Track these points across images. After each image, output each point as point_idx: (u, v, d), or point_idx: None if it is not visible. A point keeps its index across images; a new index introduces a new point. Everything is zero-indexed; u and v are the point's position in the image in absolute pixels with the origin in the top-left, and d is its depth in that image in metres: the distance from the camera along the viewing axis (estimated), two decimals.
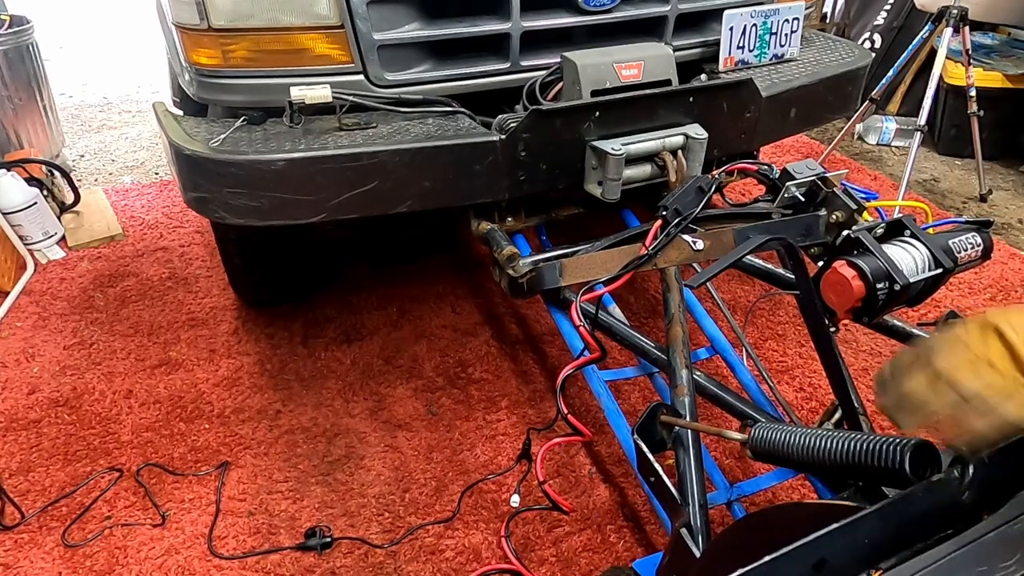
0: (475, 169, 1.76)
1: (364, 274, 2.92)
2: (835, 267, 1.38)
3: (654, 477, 1.30)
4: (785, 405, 1.97)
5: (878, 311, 1.38)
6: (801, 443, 1.12)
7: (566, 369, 1.59)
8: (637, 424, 1.33)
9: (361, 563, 1.79)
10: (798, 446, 1.12)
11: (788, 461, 1.17)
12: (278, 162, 1.63)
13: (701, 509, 1.25)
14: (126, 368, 2.43)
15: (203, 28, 1.70)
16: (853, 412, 1.42)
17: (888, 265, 1.35)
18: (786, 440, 1.15)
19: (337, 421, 2.21)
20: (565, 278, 1.70)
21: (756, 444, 1.20)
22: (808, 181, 1.72)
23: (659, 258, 1.64)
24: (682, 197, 1.68)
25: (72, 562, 1.80)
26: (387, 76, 1.82)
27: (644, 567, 1.34)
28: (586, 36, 2.01)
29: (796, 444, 1.13)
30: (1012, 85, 3.77)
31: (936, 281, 1.42)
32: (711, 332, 1.98)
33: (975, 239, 1.48)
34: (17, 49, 3.55)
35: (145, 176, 3.92)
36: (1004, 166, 3.99)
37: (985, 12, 3.58)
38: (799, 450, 1.12)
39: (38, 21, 3.77)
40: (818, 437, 1.10)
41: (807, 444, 1.11)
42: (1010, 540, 0.79)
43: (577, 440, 1.85)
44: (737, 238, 1.70)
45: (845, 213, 1.67)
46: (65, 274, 2.97)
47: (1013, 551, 0.77)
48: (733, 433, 1.24)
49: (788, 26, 2.17)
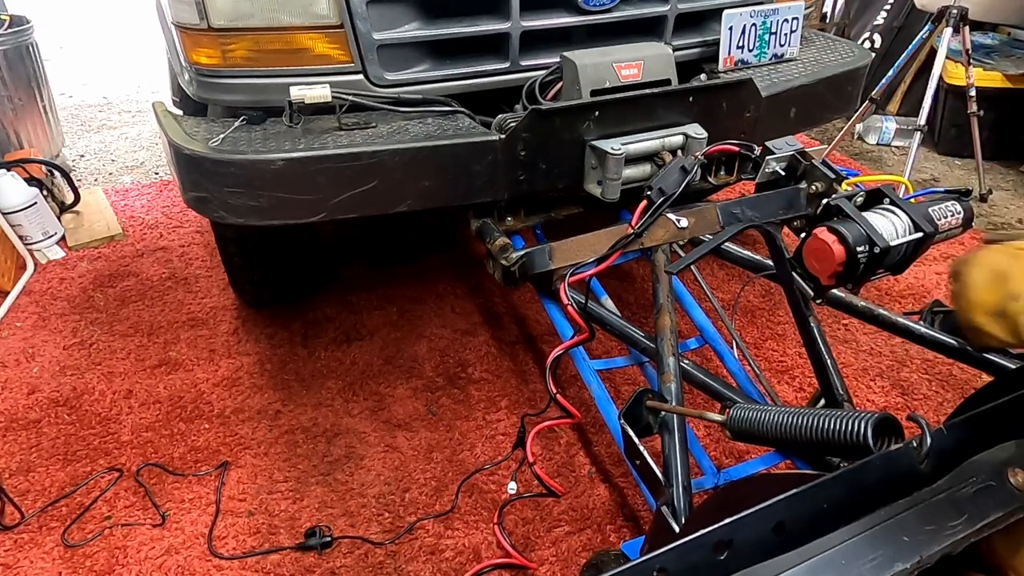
0: (474, 169, 1.76)
1: (364, 274, 2.92)
2: (816, 233, 1.41)
3: (639, 460, 1.35)
4: (768, 388, 1.98)
5: (860, 276, 1.41)
6: (776, 421, 1.20)
7: (556, 350, 1.62)
8: (624, 409, 1.38)
9: (361, 563, 1.79)
10: (773, 424, 1.20)
11: (764, 439, 1.26)
12: (278, 162, 1.63)
13: (684, 490, 1.29)
14: (126, 368, 2.43)
15: (203, 28, 1.69)
16: (834, 395, 1.46)
17: (868, 229, 1.37)
18: (762, 419, 1.23)
19: (337, 421, 2.21)
20: (555, 260, 1.72)
21: (734, 424, 1.28)
22: (788, 156, 1.76)
23: (645, 237, 1.66)
24: (665, 178, 1.71)
25: (72, 562, 1.80)
26: (387, 76, 1.82)
27: (630, 548, 1.37)
28: (586, 36, 2.01)
29: (771, 423, 1.21)
30: (1012, 85, 3.77)
31: (917, 246, 1.45)
32: (700, 321, 2.00)
33: (955, 207, 1.50)
34: (17, 49, 3.56)
35: (145, 176, 3.92)
36: (1004, 166, 3.99)
37: (985, 12, 3.58)
38: (774, 428, 1.20)
39: (38, 21, 3.78)
40: (791, 415, 1.18)
41: (781, 422, 1.19)
42: (958, 502, 0.84)
43: (567, 422, 1.87)
44: (721, 214, 1.72)
45: (825, 184, 1.70)
46: (65, 274, 2.98)
47: (960, 512, 0.83)
48: (713, 414, 1.32)
49: (788, 26, 2.17)
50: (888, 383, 2.35)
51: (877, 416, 1.04)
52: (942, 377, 2.37)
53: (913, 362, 2.44)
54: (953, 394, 2.30)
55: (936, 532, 0.79)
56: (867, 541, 0.78)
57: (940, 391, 2.32)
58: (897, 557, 0.77)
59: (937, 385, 2.34)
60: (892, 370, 2.41)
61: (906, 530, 0.80)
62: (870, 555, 0.76)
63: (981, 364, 1.72)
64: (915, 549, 0.77)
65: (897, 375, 2.38)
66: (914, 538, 0.79)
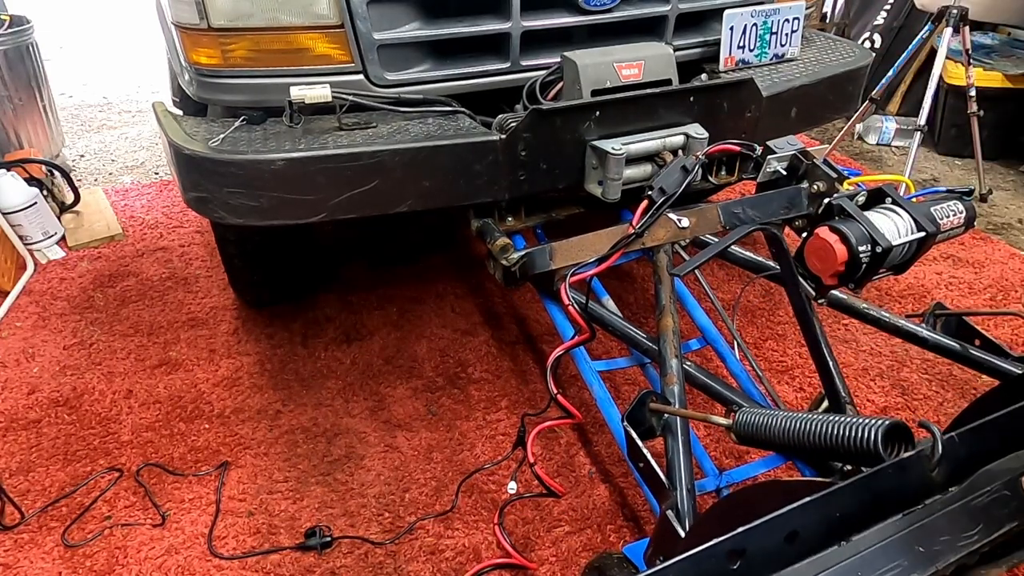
0: (475, 169, 1.76)
1: (364, 274, 2.92)
2: (817, 233, 1.40)
3: (643, 463, 1.34)
4: (770, 389, 1.98)
5: (862, 276, 1.40)
6: (783, 426, 1.18)
7: (557, 350, 1.62)
8: (627, 411, 1.37)
9: (361, 563, 1.79)
10: (780, 429, 1.18)
11: (771, 444, 1.24)
12: (278, 162, 1.63)
13: (688, 493, 1.28)
14: (126, 368, 2.43)
15: (203, 28, 1.69)
16: (838, 397, 1.45)
17: (870, 229, 1.37)
18: (768, 424, 1.21)
19: (337, 421, 2.21)
20: (555, 261, 1.71)
21: (740, 428, 1.26)
22: (789, 155, 1.76)
23: (647, 237, 1.66)
24: (666, 178, 1.71)
25: (72, 562, 1.80)
26: (387, 76, 1.82)
27: (633, 551, 1.35)
28: (586, 36, 2.01)
29: (778, 427, 1.19)
30: (1012, 85, 3.77)
31: (919, 246, 1.44)
32: (702, 323, 2.00)
33: (957, 207, 1.50)
34: (17, 49, 3.56)
35: (145, 176, 3.92)
36: (1004, 166, 3.98)
37: (985, 12, 3.58)
38: (781, 433, 1.18)
39: (38, 21, 3.78)
40: (799, 420, 1.16)
41: (788, 427, 1.17)
42: (972, 512, 0.83)
43: (568, 422, 1.87)
44: (722, 214, 1.72)
45: (826, 183, 1.70)
46: (65, 274, 2.97)
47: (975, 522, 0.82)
48: (718, 418, 1.30)
49: (788, 26, 2.17)
50: (888, 383, 2.35)
51: (887, 423, 1.02)
52: (942, 377, 2.37)
53: (913, 362, 2.43)
54: (953, 394, 2.30)
55: (951, 542, 0.79)
56: (882, 551, 0.77)
57: (940, 391, 2.31)
58: (913, 568, 0.76)
59: (937, 385, 2.34)
60: (892, 370, 2.40)
61: (921, 540, 0.79)
62: (886, 565, 0.75)
63: (983, 367, 1.72)
64: (931, 559, 0.77)
65: (897, 375, 2.38)
66: (929, 548, 0.78)
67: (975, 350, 1.74)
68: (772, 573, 0.76)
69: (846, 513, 0.82)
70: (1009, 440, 0.93)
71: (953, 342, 1.78)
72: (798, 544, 0.79)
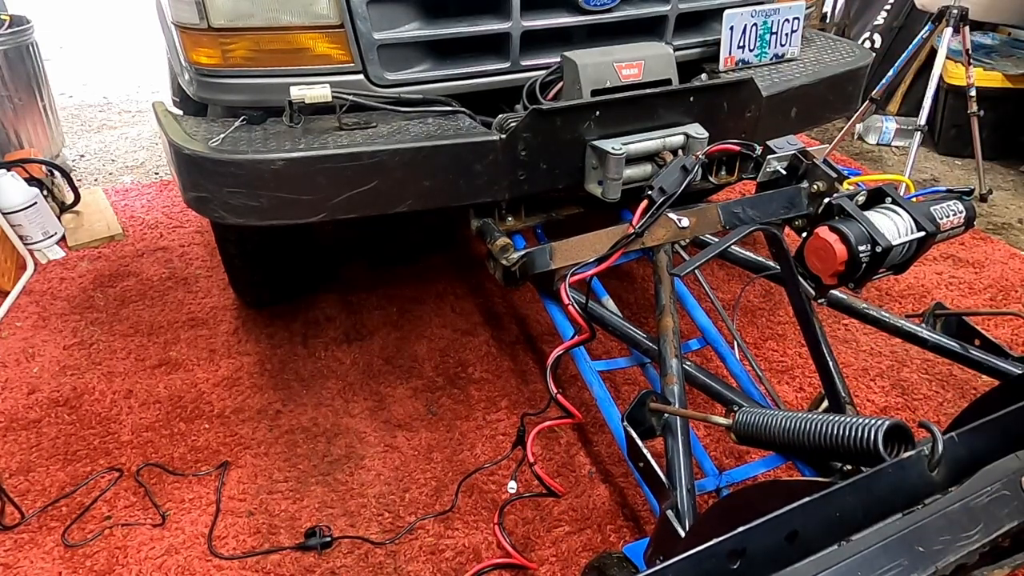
0: (475, 169, 1.76)
1: (364, 274, 2.92)
2: (817, 232, 1.40)
3: (643, 463, 1.34)
4: (770, 389, 1.98)
5: (862, 276, 1.41)
6: (783, 426, 1.18)
7: (557, 350, 1.62)
8: (627, 411, 1.37)
9: (361, 563, 1.79)
10: (780, 429, 1.19)
11: (771, 444, 1.24)
12: (278, 162, 1.63)
13: (688, 493, 1.29)
14: (126, 368, 2.43)
15: (203, 28, 1.69)
16: (838, 397, 1.45)
17: (869, 229, 1.37)
18: (769, 424, 1.21)
19: (337, 421, 2.21)
20: (555, 260, 1.71)
21: (740, 428, 1.27)
22: (789, 155, 1.76)
23: (646, 237, 1.66)
24: (666, 177, 1.70)
25: (72, 562, 1.80)
26: (387, 76, 1.82)
27: (633, 551, 1.36)
28: (586, 36, 2.01)
29: (778, 427, 1.19)
30: (1012, 85, 3.77)
31: (919, 246, 1.44)
32: (702, 323, 2.00)
33: (957, 207, 1.50)
34: (17, 49, 3.56)
35: (145, 176, 3.92)
36: (1004, 166, 3.98)
37: (985, 12, 3.58)
38: (781, 433, 1.19)
39: (38, 21, 3.78)
40: (799, 420, 1.16)
41: (788, 427, 1.17)
42: (973, 512, 0.84)
43: (568, 422, 1.87)
44: (722, 214, 1.72)
45: (826, 183, 1.70)
46: (65, 274, 2.97)
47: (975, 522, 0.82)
48: (718, 418, 1.30)
49: (788, 26, 2.17)
50: (888, 383, 2.35)
51: (888, 423, 1.02)
52: (942, 377, 2.37)
53: (913, 362, 2.43)
54: (953, 394, 2.30)
55: (951, 542, 0.79)
56: (883, 551, 0.77)
57: (940, 391, 2.31)
58: (913, 568, 0.76)
59: (937, 385, 2.34)
60: (892, 370, 2.40)
61: (921, 540, 0.79)
62: (886, 565, 0.76)
63: (982, 367, 1.72)
64: (931, 559, 0.77)
65: (897, 375, 2.38)
66: (929, 548, 0.78)
67: (975, 350, 1.74)
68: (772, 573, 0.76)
69: (846, 513, 0.82)
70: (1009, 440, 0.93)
71: (953, 342, 1.78)
72: (798, 544, 0.79)
